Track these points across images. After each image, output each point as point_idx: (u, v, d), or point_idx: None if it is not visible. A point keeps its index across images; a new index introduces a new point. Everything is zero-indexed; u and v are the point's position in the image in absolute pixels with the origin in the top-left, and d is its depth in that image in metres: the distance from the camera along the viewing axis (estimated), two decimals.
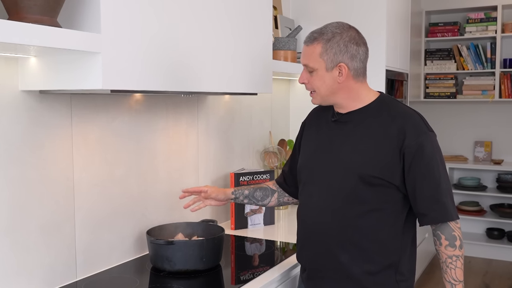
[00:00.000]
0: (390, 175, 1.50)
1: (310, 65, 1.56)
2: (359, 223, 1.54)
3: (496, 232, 4.92)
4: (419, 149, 1.48)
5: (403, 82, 3.55)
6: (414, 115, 1.55)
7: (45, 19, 1.24)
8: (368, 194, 1.52)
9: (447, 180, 1.53)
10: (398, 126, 1.51)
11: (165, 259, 1.78)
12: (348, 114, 1.60)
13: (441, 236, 1.51)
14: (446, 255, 1.51)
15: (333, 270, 1.58)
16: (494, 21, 4.81)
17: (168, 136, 2.16)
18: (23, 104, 1.55)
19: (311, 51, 1.55)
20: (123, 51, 1.41)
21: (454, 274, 1.51)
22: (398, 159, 1.49)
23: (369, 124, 1.56)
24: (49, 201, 1.65)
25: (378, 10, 2.98)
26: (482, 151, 5.11)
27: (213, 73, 1.80)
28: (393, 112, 1.55)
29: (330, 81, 1.55)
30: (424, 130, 1.51)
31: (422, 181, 1.49)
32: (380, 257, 1.54)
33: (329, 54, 1.52)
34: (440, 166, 1.51)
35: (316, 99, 1.61)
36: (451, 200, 1.53)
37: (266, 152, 2.85)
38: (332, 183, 1.57)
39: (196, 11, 1.70)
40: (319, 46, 1.53)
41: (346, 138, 1.58)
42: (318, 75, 1.55)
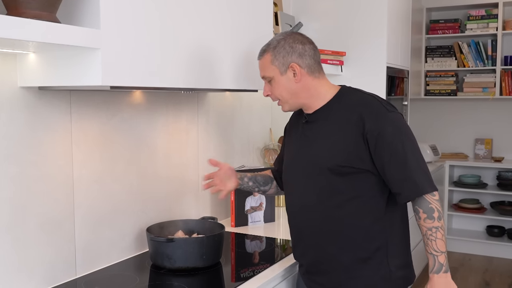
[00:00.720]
0: (359, 162, 1.54)
1: (266, 74, 1.64)
2: (340, 213, 1.59)
3: (496, 229, 4.92)
4: (380, 132, 1.52)
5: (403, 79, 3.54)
6: (371, 100, 1.60)
7: (44, 15, 1.23)
8: (342, 184, 1.57)
9: (416, 155, 1.54)
10: (357, 114, 1.55)
11: (165, 257, 1.77)
12: (314, 114, 1.66)
13: (419, 210, 1.54)
14: (426, 227, 1.53)
15: (325, 263, 1.64)
16: (495, 18, 4.79)
17: (168, 133, 2.15)
18: (22, 101, 1.54)
19: (263, 63, 1.64)
20: (123, 47, 1.40)
21: (435, 245, 1.52)
22: (363, 145, 1.53)
23: (333, 118, 1.61)
24: (48, 198, 1.64)
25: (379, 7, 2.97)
26: (482, 148, 5.10)
27: (214, 69, 1.79)
28: (351, 102, 1.60)
29: (288, 84, 1.61)
30: (383, 112, 1.55)
31: (388, 162, 1.52)
32: (367, 243, 1.58)
33: (278, 58, 1.60)
34: (405, 143, 1.53)
35: (284, 107, 1.68)
36: (423, 174, 1.54)
37: (266, 149, 2.84)
38: (308, 181, 1.64)
39: (197, 8, 1.69)
40: (268, 55, 1.62)
41: (315, 136, 1.64)
42: (276, 82, 1.62)
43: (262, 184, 1.91)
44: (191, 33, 1.67)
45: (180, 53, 1.62)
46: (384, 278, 1.59)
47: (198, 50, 1.71)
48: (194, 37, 1.69)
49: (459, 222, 5.24)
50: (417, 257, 4.01)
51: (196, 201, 2.35)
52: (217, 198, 2.49)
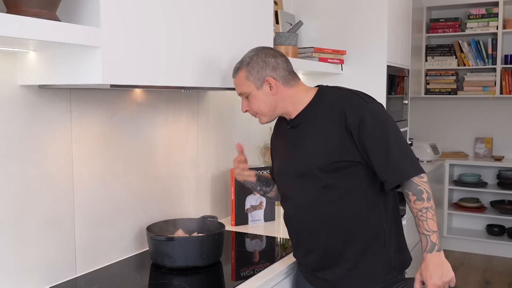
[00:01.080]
0: (347, 154, 1.58)
1: (243, 91, 1.68)
2: (336, 208, 1.62)
3: (496, 228, 4.92)
4: (361, 122, 1.55)
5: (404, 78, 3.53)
6: (349, 94, 1.65)
7: (44, 13, 1.22)
8: (335, 180, 1.60)
9: (398, 141, 1.57)
10: (338, 109, 1.60)
11: (165, 256, 1.77)
12: (297, 118, 1.69)
13: (408, 193, 1.56)
14: (416, 209, 1.55)
15: (328, 259, 1.67)
16: (495, 17, 4.79)
17: (168, 131, 2.14)
18: (22, 99, 1.54)
19: (238, 80, 1.68)
20: (123, 45, 1.39)
21: (426, 225, 1.54)
22: (348, 138, 1.57)
23: (315, 118, 1.65)
24: (48, 196, 1.64)
25: (380, 6, 2.96)
26: (482, 147, 5.10)
27: (214, 68, 1.79)
28: (331, 99, 1.65)
29: (265, 97, 1.66)
30: (362, 104, 1.59)
31: (371, 150, 1.56)
32: (365, 233, 1.62)
33: (253, 74, 1.64)
34: (386, 131, 1.56)
35: (262, 119, 1.72)
36: (406, 159, 1.56)
37: (266, 147, 2.84)
38: (300, 183, 1.67)
39: (197, 6, 1.68)
40: (243, 72, 1.66)
41: (301, 139, 1.68)
42: (253, 97, 1.67)
43: (265, 184, 1.91)
44: (191, 31, 1.66)
45: (180, 52, 1.62)
46: (384, 265, 1.64)
47: (198, 48, 1.70)
48: (195, 35, 1.68)
49: (459, 221, 5.24)
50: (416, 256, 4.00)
51: (196, 200, 2.35)
52: (218, 198, 2.48)
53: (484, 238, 4.91)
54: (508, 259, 4.78)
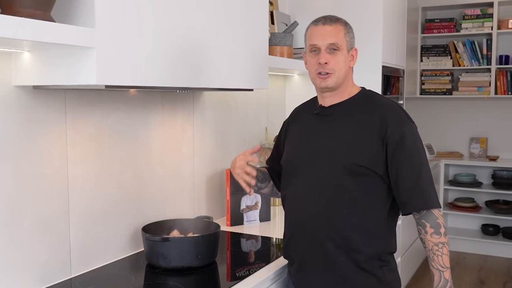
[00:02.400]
0: (374, 164, 1.54)
1: (339, 42, 1.59)
2: (345, 212, 1.57)
3: (491, 228, 4.94)
4: (401, 138, 1.52)
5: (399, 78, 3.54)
6: (395, 106, 1.62)
7: (38, 13, 1.22)
8: (353, 184, 1.55)
9: (428, 169, 1.57)
10: (380, 117, 1.56)
11: (160, 256, 1.77)
12: (331, 107, 1.64)
13: (426, 224, 1.54)
14: (433, 242, 1.54)
15: (319, 261, 1.61)
16: (490, 18, 4.81)
17: (163, 132, 2.14)
18: (17, 100, 1.54)
19: (336, 30, 1.59)
20: (118, 46, 1.39)
21: (441, 260, 1.53)
22: (381, 149, 1.54)
23: (352, 115, 1.60)
24: (43, 197, 1.63)
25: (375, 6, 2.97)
26: (477, 147, 5.11)
27: (209, 69, 1.79)
28: (375, 104, 1.61)
29: (346, 64, 1.61)
30: (405, 120, 1.57)
31: (404, 170, 1.53)
32: (364, 246, 1.57)
33: (350, 36, 1.62)
34: (421, 155, 1.55)
35: (331, 80, 1.60)
36: (433, 188, 1.56)
37: (262, 148, 2.84)
38: (318, 174, 1.61)
39: (193, 7, 1.68)
40: (342, 27, 1.60)
41: (330, 130, 1.62)
42: (342, 55, 1.60)
43: (260, 180, 1.86)
44: (186, 32, 1.66)
45: (175, 52, 1.62)
46: (379, 281, 1.59)
47: (194, 49, 1.70)
48: (190, 36, 1.68)
49: (454, 220, 5.26)
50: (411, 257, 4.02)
51: (192, 200, 2.35)
52: (213, 197, 2.49)
53: (479, 238, 4.92)
54: (503, 259, 4.80)
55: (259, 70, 2.10)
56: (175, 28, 1.61)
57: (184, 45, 1.66)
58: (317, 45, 1.59)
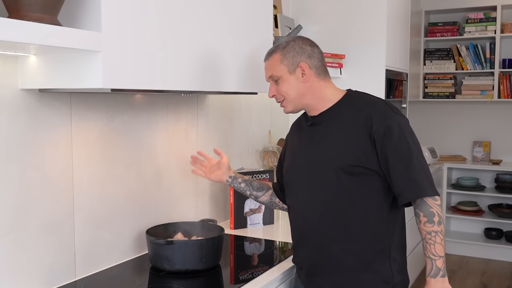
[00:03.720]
0: (367, 161, 1.56)
1: (274, 74, 1.64)
2: (346, 214, 1.59)
3: (494, 232, 4.93)
4: (387, 132, 1.54)
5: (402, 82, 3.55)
6: (379, 102, 1.63)
7: (45, 17, 1.23)
8: (351, 184, 1.58)
9: (420, 158, 1.56)
10: (365, 115, 1.58)
11: (164, 259, 1.77)
12: (320, 116, 1.67)
13: (420, 213, 1.55)
14: (425, 231, 1.54)
15: (328, 264, 1.63)
16: (493, 21, 4.81)
17: (167, 135, 2.15)
18: (23, 103, 1.54)
19: (271, 63, 1.65)
20: (124, 50, 1.40)
21: (433, 249, 1.53)
22: (370, 145, 1.55)
23: (340, 120, 1.63)
24: (48, 200, 1.64)
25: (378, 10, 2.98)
26: (480, 151, 5.11)
27: (213, 72, 1.79)
28: (359, 104, 1.63)
29: (296, 83, 1.63)
30: (390, 114, 1.57)
31: (393, 162, 1.54)
32: (370, 245, 1.59)
33: (288, 58, 1.62)
34: (410, 145, 1.55)
35: (287, 107, 1.68)
36: (426, 177, 1.55)
37: (265, 151, 2.85)
38: (316, 181, 1.63)
39: (197, 11, 1.69)
40: (277, 55, 1.63)
41: (322, 138, 1.65)
42: (284, 81, 1.63)
43: (255, 189, 1.91)
44: (191, 36, 1.67)
45: (180, 56, 1.63)
46: (385, 281, 1.60)
47: (198, 52, 1.71)
48: (195, 40, 1.69)
49: (457, 224, 5.25)
50: (414, 259, 4.01)
51: (196, 204, 2.35)
52: (216, 201, 2.49)
53: (482, 242, 4.91)
54: (506, 263, 4.79)
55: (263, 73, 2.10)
56: (180, 32, 1.62)
57: (190, 49, 1.66)
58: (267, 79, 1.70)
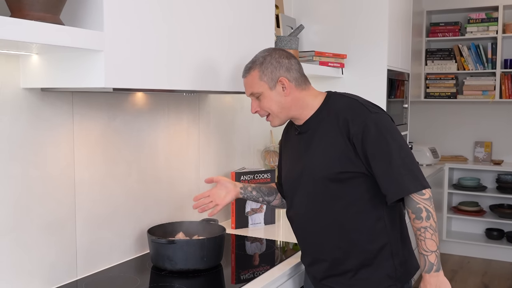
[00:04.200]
0: (352, 166, 1.56)
1: (255, 91, 1.64)
2: (342, 218, 1.61)
3: (495, 232, 4.92)
4: (364, 133, 1.53)
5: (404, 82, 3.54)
6: (354, 103, 1.61)
7: (47, 17, 1.23)
8: (341, 190, 1.59)
9: (402, 155, 1.52)
10: (342, 119, 1.58)
11: (166, 258, 1.77)
12: (305, 124, 1.68)
13: (408, 210, 1.55)
14: (415, 227, 1.54)
15: (332, 269, 1.66)
16: (495, 22, 4.81)
17: (169, 134, 2.15)
18: (25, 102, 1.55)
19: (250, 80, 1.64)
20: (126, 49, 1.40)
21: (424, 245, 1.52)
22: (352, 149, 1.55)
23: (322, 127, 1.63)
24: (50, 199, 1.64)
25: (380, 10, 2.97)
26: (482, 151, 5.11)
27: (215, 72, 1.79)
28: (337, 108, 1.62)
29: (277, 98, 1.63)
30: (365, 114, 1.56)
31: (374, 162, 1.53)
32: (371, 244, 1.61)
33: (267, 74, 1.61)
34: (389, 143, 1.52)
35: (274, 121, 1.68)
36: (408, 173, 1.51)
37: (267, 151, 2.85)
38: (306, 190, 1.66)
39: (199, 10, 1.69)
40: (255, 72, 1.63)
41: (308, 146, 1.66)
42: (265, 97, 1.63)
43: (266, 194, 1.92)
44: (194, 35, 1.67)
45: (183, 55, 1.63)
46: (389, 276, 1.62)
47: (200, 52, 1.71)
48: (197, 39, 1.69)
49: (458, 224, 5.25)
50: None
51: None
52: None
53: (483, 242, 4.91)
54: (507, 263, 4.79)
55: None
56: (182, 30, 1.62)
57: (193, 48, 1.66)
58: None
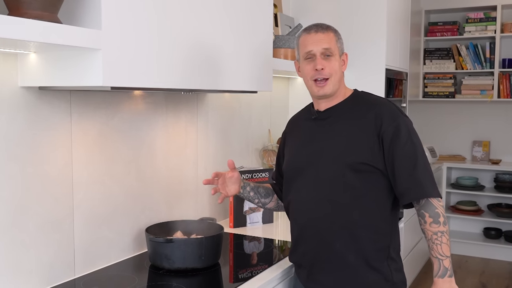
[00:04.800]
0: (374, 160, 1.58)
1: (332, 48, 1.65)
2: (350, 210, 1.60)
3: (493, 231, 4.93)
4: (395, 132, 1.57)
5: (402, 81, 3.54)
6: (388, 102, 1.67)
7: (45, 15, 1.23)
8: (356, 181, 1.59)
9: (424, 160, 1.59)
10: (374, 113, 1.61)
11: (164, 257, 1.77)
12: (327, 111, 1.69)
13: (425, 214, 1.56)
14: (432, 232, 1.55)
15: (329, 261, 1.63)
16: (493, 21, 4.81)
17: (167, 133, 2.15)
18: (23, 101, 1.54)
19: (328, 37, 1.65)
20: (124, 48, 1.40)
21: (440, 249, 1.54)
22: (378, 144, 1.58)
23: (348, 116, 1.65)
24: (48, 198, 1.64)
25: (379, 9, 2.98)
26: (480, 150, 5.11)
27: (214, 71, 1.79)
28: (368, 102, 1.67)
29: (339, 68, 1.67)
30: (399, 115, 1.61)
31: (400, 161, 1.56)
32: (372, 243, 1.60)
33: (340, 42, 1.69)
34: (416, 147, 1.59)
35: (328, 87, 1.65)
36: (430, 178, 1.58)
37: (265, 150, 2.85)
38: (321, 175, 1.63)
39: (197, 9, 1.69)
40: (333, 34, 1.67)
41: (329, 132, 1.66)
42: (336, 60, 1.65)
43: (263, 196, 1.91)
44: (192, 35, 1.67)
45: (180, 54, 1.63)
46: (386, 279, 1.61)
47: (198, 51, 1.71)
48: (195, 39, 1.69)
49: (456, 224, 5.25)
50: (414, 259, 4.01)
51: (195, 202, 2.35)
52: (216, 199, 2.49)
53: (481, 241, 4.92)
54: (505, 262, 4.79)
55: (263, 72, 2.10)
56: (180, 30, 1.62)
57: (189, 47, 1.67)
58: (312, 51, 1.64)
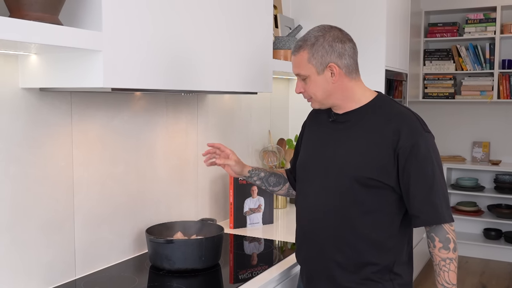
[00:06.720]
0: (385, 177, 1.49)
1: (302, 73, 1.56)
2: (355, 224, 1.53)
3: (493, 232, 4.94)
4: (413, 150, 1.47)
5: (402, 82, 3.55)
6: (410, 115, 1.54)
7: (46, 17, 1.23)
8: (364, 195, 1.51)
9: (442, 182, 1.50)
10: (393, 127, 1.50)
11: (164, 258, 1.78)
12: (345, 115, 1.59)
13: (435, 238, 1.49)
14: (440, 257, 1.49)
15: (328, 272, 1.58)
16: (493, 22, 4.82)
17: (167, 134, 2.15)
18: (23, 102, 1.55)
19: (299, 60, 1.55)
20: (124, 49, 1.41)
21: (447, 277, 1.49)
22: (392, 160, 1.48)
23: (365, 124, 1.55)
24: (48, 199, 1.64)
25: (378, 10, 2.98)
26: (480, 151, 5.12)
27: (214, 72, 1.80)
28: (389, 112, 1.54)
29: (324, 84, 1.54)
30: (419, 131, 1.50)
31: (415, 182, 1.48)
32: (375, 258, 1.53)
33: (316, 57, 1.52)
34: (435, 167, 1.48)
35: (314, 104, 1.62)
36: (445, 202, 1.50)
37: (265, 151, 2.85)
38: (328, 184, 1.57)
39: (197, 11, 1.70)
40: (305, 52, 1.53)
41: (343, 139, 1.58)
42: (312, 81, 1.55)
43: (272, 185, 1.85)
44: (192, 35, 1.68)
45: (180, 56, 1.63)
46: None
47: (199, 52, 1.71)
48: (196, 39, 1.69)
49: (456, 224, 5.23)
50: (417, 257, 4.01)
51: (195, 203, 2.35)
52: (216, 200, 2.49)
53: (481, 242, 4.92)
54: (505, 263, 4.80)
55: (263, 73, 2.11)
56: (181, 32, 1.62)
57: (189, 48, 1.67)
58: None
